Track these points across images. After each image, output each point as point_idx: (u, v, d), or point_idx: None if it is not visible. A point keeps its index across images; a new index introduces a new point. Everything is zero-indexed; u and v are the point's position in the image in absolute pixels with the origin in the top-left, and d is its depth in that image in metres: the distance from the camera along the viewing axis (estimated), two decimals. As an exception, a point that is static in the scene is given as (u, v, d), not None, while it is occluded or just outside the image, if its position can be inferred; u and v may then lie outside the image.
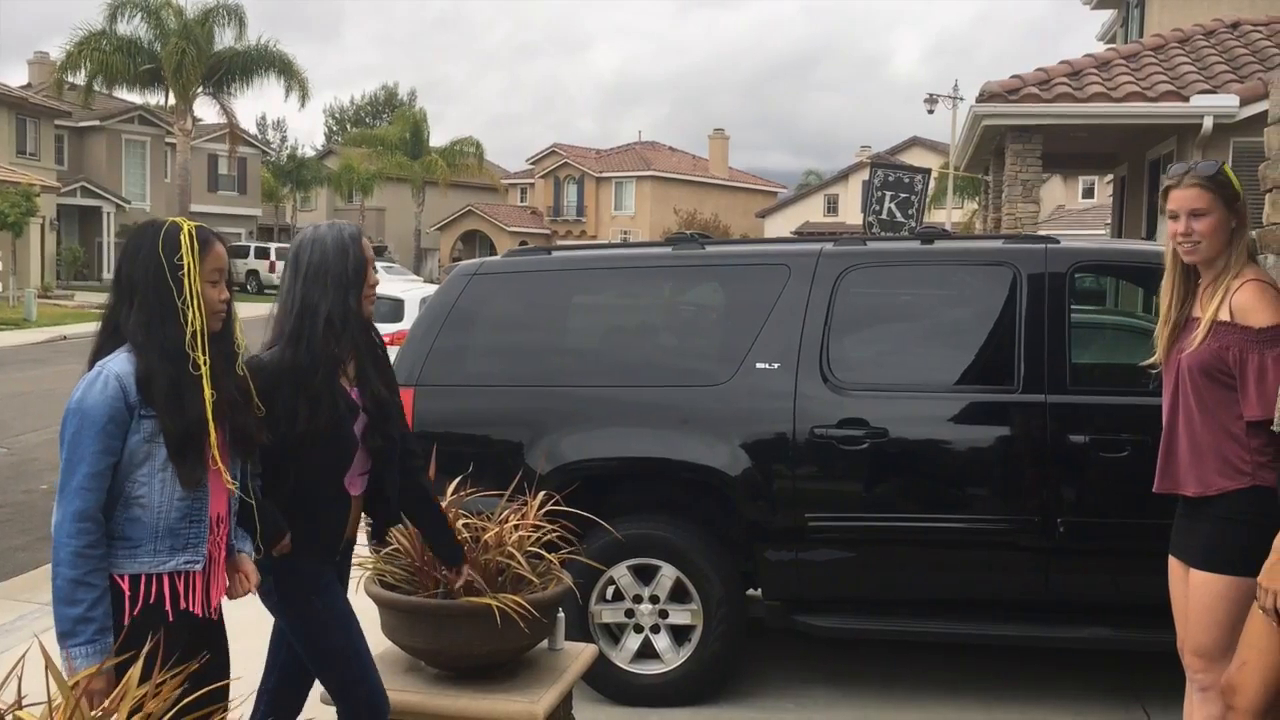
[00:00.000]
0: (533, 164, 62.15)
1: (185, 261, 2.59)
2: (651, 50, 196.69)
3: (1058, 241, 4.85)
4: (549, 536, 3.54)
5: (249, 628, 3.40)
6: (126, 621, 2.52)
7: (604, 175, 59.18)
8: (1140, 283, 5.37)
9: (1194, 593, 3.10)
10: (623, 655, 4.73)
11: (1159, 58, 13.50)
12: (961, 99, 37.09)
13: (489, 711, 3.19)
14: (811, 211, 56.66)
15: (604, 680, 4.69)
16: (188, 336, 2.56)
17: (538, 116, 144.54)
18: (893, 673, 5.04)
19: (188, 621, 2.63)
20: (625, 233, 54.35)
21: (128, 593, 2.55)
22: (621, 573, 4.70)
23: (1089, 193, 47.27)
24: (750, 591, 4.81)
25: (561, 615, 3.59)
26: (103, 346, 2.63)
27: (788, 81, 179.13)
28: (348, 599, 3.14)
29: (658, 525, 4.72)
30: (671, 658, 4.70)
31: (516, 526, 3.46)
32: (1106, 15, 23.24)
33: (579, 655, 3.54)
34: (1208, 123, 12.00)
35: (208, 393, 2.58)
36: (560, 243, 36.20)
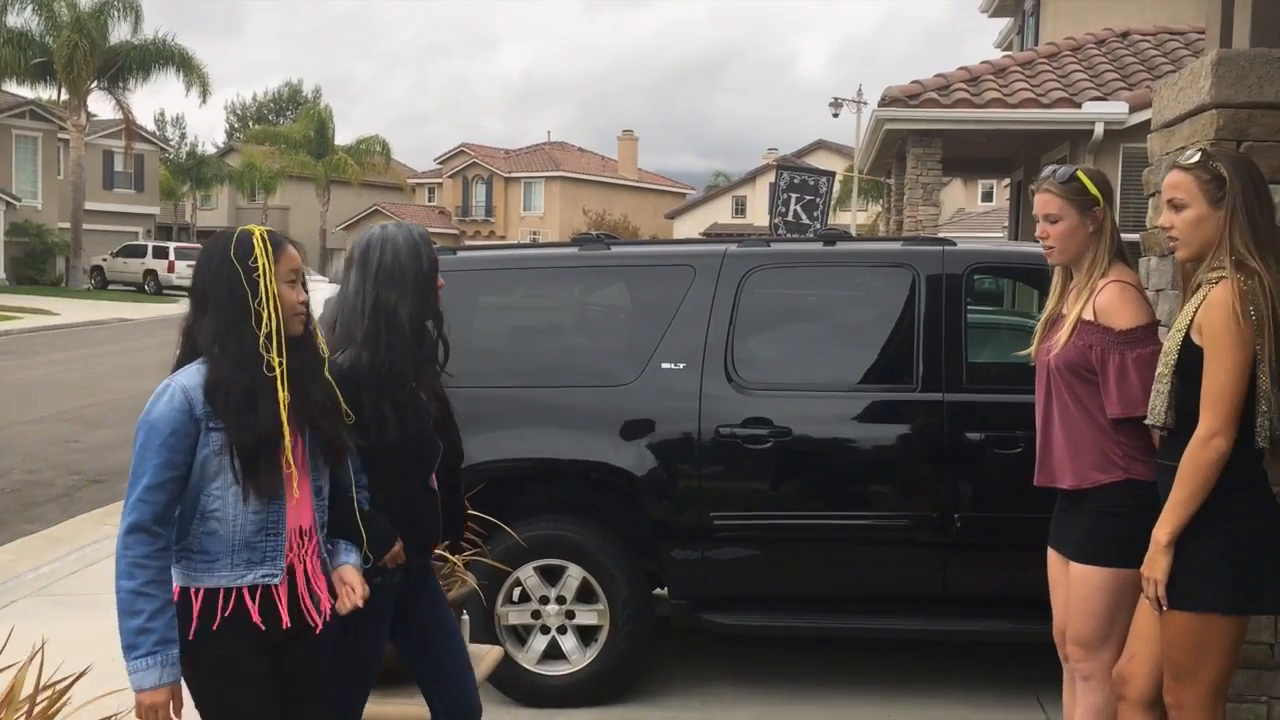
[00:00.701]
0: (440, 164, 61.62)
1: (260, 263, 2.55)
2: (560, 50, 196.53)
3: (955, 244, 4.97)
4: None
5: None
6: (192, 636, 2.50)
7: (513, 175, 58.92)
8: (1033, 283, 5.51)
9: (1074, 585, 3.18)
10: (529, 657, 4.71)
11: (1053, 65, 13.90)
12: (865, 103, 37.70)
13: (391, 717, 3.15)
14: (720, 213, 57.15)
15: (510, 682, 4.67)
16: (262, 338, 2.52)
17: (445, 116, 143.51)
18: (796, 669, 5.11)
19: (270, 637, 2.57)
20: (535, 233, 54.17)
21: (198, 606, 2.52)
22: (528, 574, 4.68)
23: (988, 196, 48.44)
24: (656, 591, 4.83)
25: (466, 618, 3.56)
26: (183, 359, 2.61)
27: (696, 83, 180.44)
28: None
29: (564, 526, 4.71)
30: (578, 658, 4.70)
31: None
32: (1004, 23, 23.89)
33: (484, 657, 3.52)
34: (1099, 129, 12.40)
35: (283, 396, 2.53)
36: (467, 243, 35.93)
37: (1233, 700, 3.19)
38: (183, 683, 2.51)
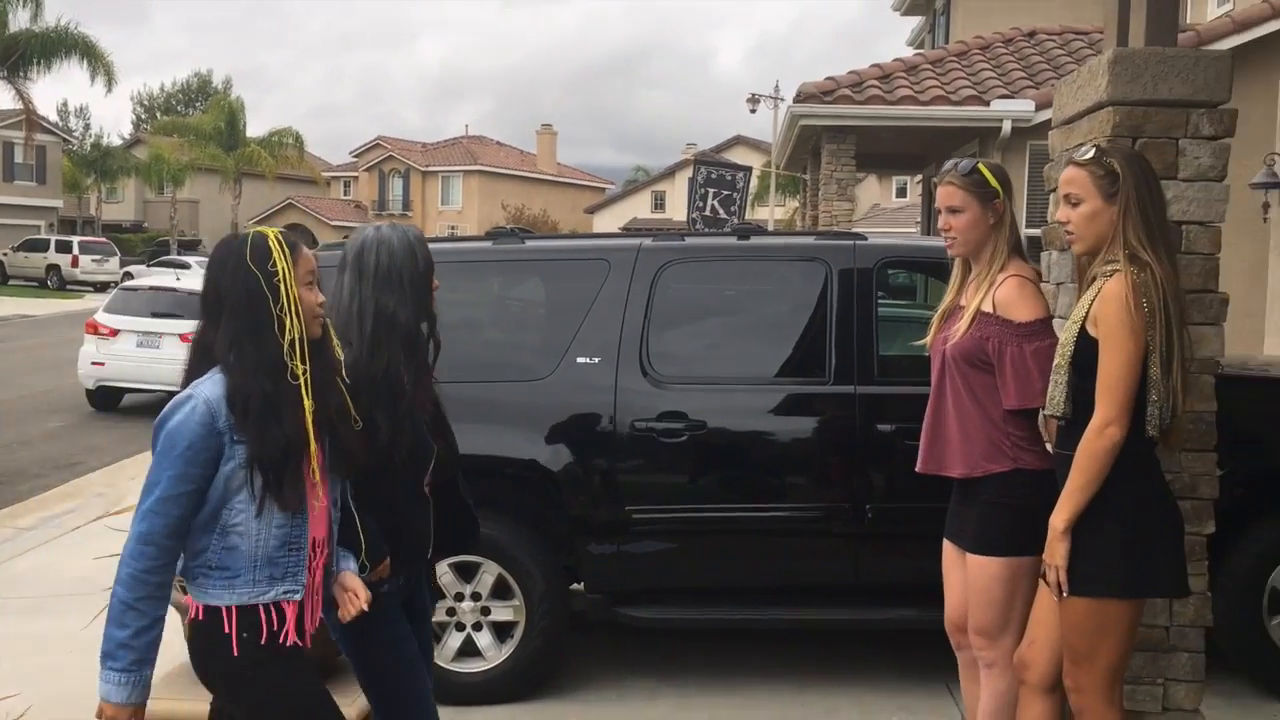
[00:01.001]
0: (356, 156, 60.76)
1: (280, 267, 2.45)
2: (478, 43, 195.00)
3: (866, 238, 5.04)
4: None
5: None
6: (236, 653, 2.45)
7: (430, 169, 58.34)
8: (942, 277, 5.61)
9: (971, 576, 3.24)
10: (444, 654, 4.67)
11: (962, 64, 14.15)
12: (782, 99, 38.02)
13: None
14: (639, 208, 57.22)
15: (425, 680, 4.63)
16: (285, 346, 2.44)
17: (361, 108, 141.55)
18: (712, 660, 5.14)
19: (290, 653, 2.51)
20: (453, 227, 53.70)
21: (235, 627, 2.45)
22: (442, 570, 4.63)
23: (902, 192, 49.20)
24: (573, 586, 4.83)
25: (420, 616, 3.51)
26: (195, 369, 2.50)
27: (615, 78, 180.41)
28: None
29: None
30: (494, 655, 4.68)
31: (329, 527, 3.36)
32: (916, 21, 24.26)
33: (395, 656, 3.47)
34: (1006, 126, 12.65)
35: (308, 405, 2.45)
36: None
37: (1130, 682, 3.29)
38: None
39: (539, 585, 4.61)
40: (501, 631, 4.70)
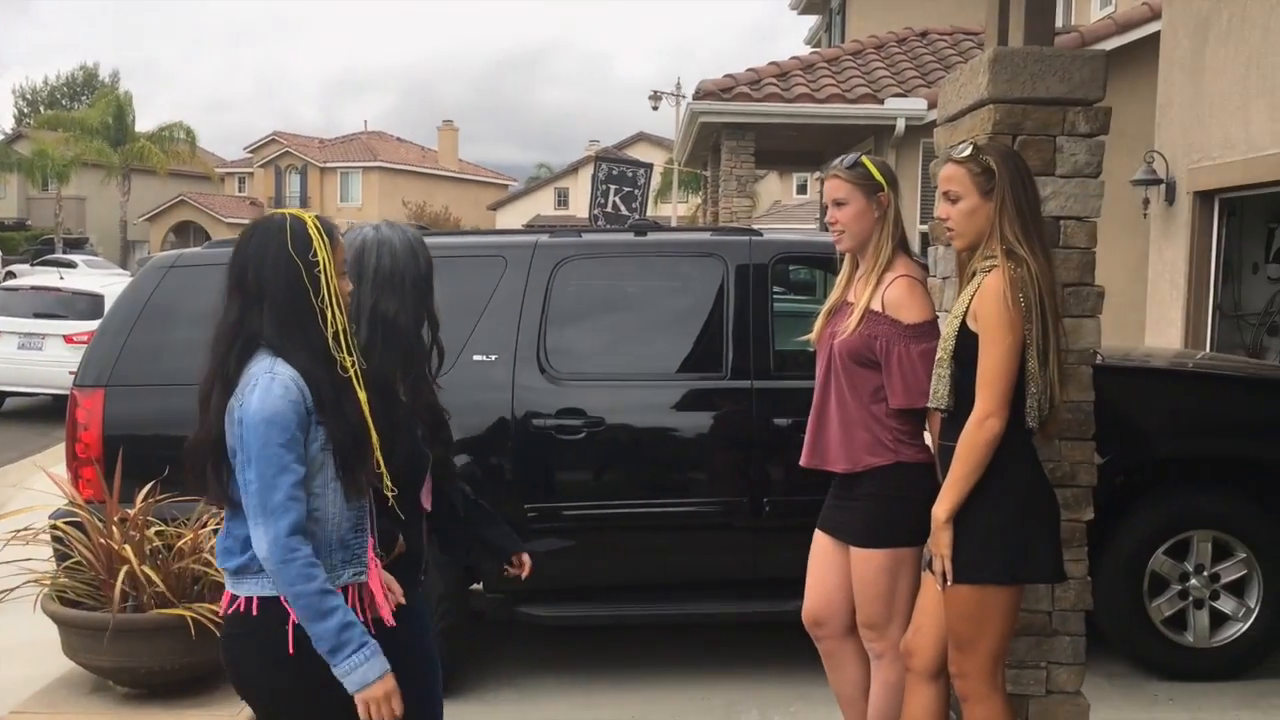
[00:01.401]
0: (251, 152, 59.35)
1: (320, 257, 2.39)
2: (377, 38, 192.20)
3: (761, 234, 5.08)
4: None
5: None
6: (292, 650, 2.34)
7: (329, 165, 57.29)
8: (836, 272, 5.71)
9: (855, 570, 3.29)
10: (340, 659, 4.59)
11: (857, 62, 14.39)
12: (684, 96, 38.15)
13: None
14: (542, 204, 56.98)
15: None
16: (329, 338, 2.38)
17: (257, 103, 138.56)
18: (613, 657, 5.14)
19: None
20: (353, 224, 52.80)
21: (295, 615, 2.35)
22: (337, 574, 4.56)
23: (803, 189, 49.77)
24: (472, 586, 4.78)
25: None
26: (233, 358, 2.38)
27: (517, 74, 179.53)
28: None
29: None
30: (392, 657, 4.60)
31: (215, 530, 3.28)
32: (813, 20, 24.58)
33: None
34: (900, 124, 12.90)
35: (362, 395, 2.42)
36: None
37: (1015, 667, 3.38)
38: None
39: (438, 586, 4.53)
40: (399, 634, 4.63)
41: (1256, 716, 4.47)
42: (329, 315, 2.39)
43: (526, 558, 3.18)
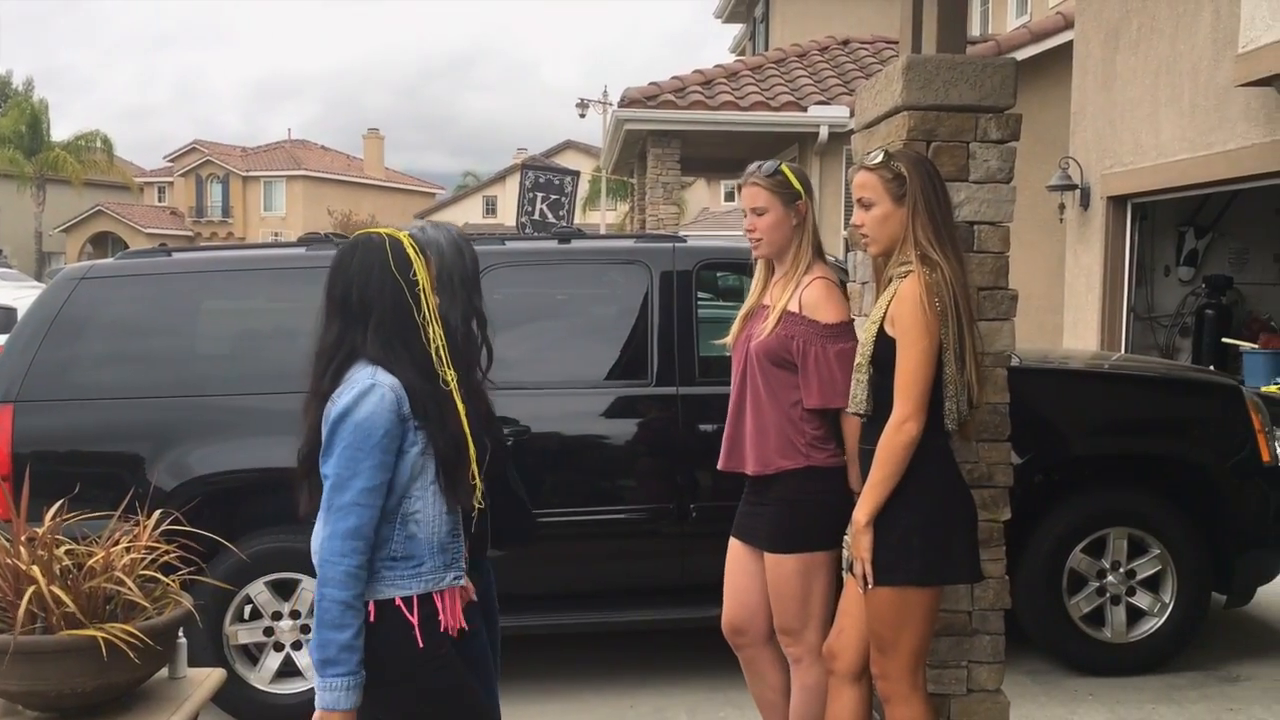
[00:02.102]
0: (171, 161, 58.23)
1: (419, 275, 2.48)
2: (300, 45, 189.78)
3: (685, 240, 5.10)
4: (168, 558, 3.30)
5: None
6: (422, 645, 2.42)
7: (251, 174, 56.40)
8: (759, 278, 5.75)
9: (769, 575, 3.30)
10: (262, 676, 4.51)
11: (781, 70, 14.53)
12: (611, 104, 38.14)
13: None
14: (470, 212, 56.62)
15: (243, 705, 4.47)
16: (433, 354, 2.47)
17: (177, 111, 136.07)
18: (541, 665, 5.11)
19: (455, 641, 2.54)
20: (277, 234, 52.03)
21: (418, 617, 2.43)
22: (259, 589, 4.48)
23: (730, 196, 50.06)
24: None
25: (182, 641, 3.35)
26: (330, 375, 2.48)
27: (443, 82, 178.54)
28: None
29: (296, 537, 4.52)
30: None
31: (128, 549, 3.19)
32: (738, 29, 24.78)
33: (203, 682, 3.32)
34: (824, 132, 13.06)
35: (461, 408, 2.51)
36: (199, 244, 34.09)
37: (937, 667, 3.42)
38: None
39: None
40: (322, 649, 4.56)
41: (1173, 709, 4.58)
42: (430, 331, 2.48)
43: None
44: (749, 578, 3.38)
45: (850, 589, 3.08)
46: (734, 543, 3.46)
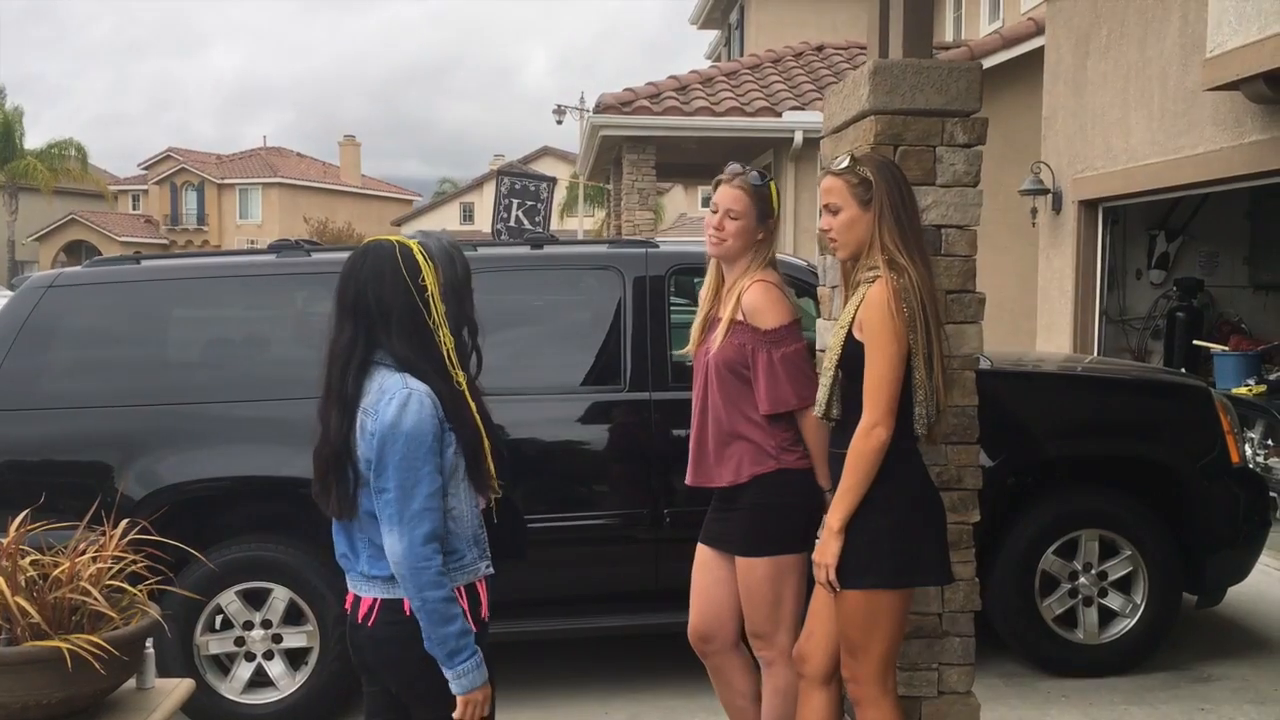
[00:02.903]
0: (146, 169, 57.86)
1: (428, 281, 2.57)
2: (274, 52, 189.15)
3: (658, 245, 5.09)
4: (136, 567, 3.27)
5: None
6: (474, 631, 2.55)
7: (227, 182, 56.10)
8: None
9: (741, 580, 3.29)
10: (234, 686, 4.49)
11: (756, 76, 14.56)
12: (588, 110, 38.10)
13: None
14: (448, 219, 56.51)
15: (213, 715, 4.45)
16: (444, 355, 2.56)
17: (151, 118, 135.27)
18: (515, 672, 5.09)
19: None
20: (252, 241, 51.75)
21: (467, 605, 2.55)
22: (229, 599, 4.46)
23: (707, 202, 49.99)
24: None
25: (150, 651, 3.33)
26: (351, 377, 2.54)
27: (420, 89, 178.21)
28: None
29: (268, 546, 4.51)
30: (287, 684, 4.51)
31: (94, 559, 3.16)
32: (713, 35, 24.84)
33: (171, 692, 3.29)
34: (798, 137, 13.08)
35: (474, 407, 2.60)
36: (172, 252, 33.89)
37: (908, 669, 3.42)
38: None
39: (333, 608, 4.46)
40: (295, 659, 4.54)
41: (1145, 710, 4.60)
42: (440, 335, 2.57)
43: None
44: (718, 585, 3.38)
45: (820, 592, 3.08)
46: (701, 549, 3.46)
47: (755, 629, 3.29)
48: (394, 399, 2.48)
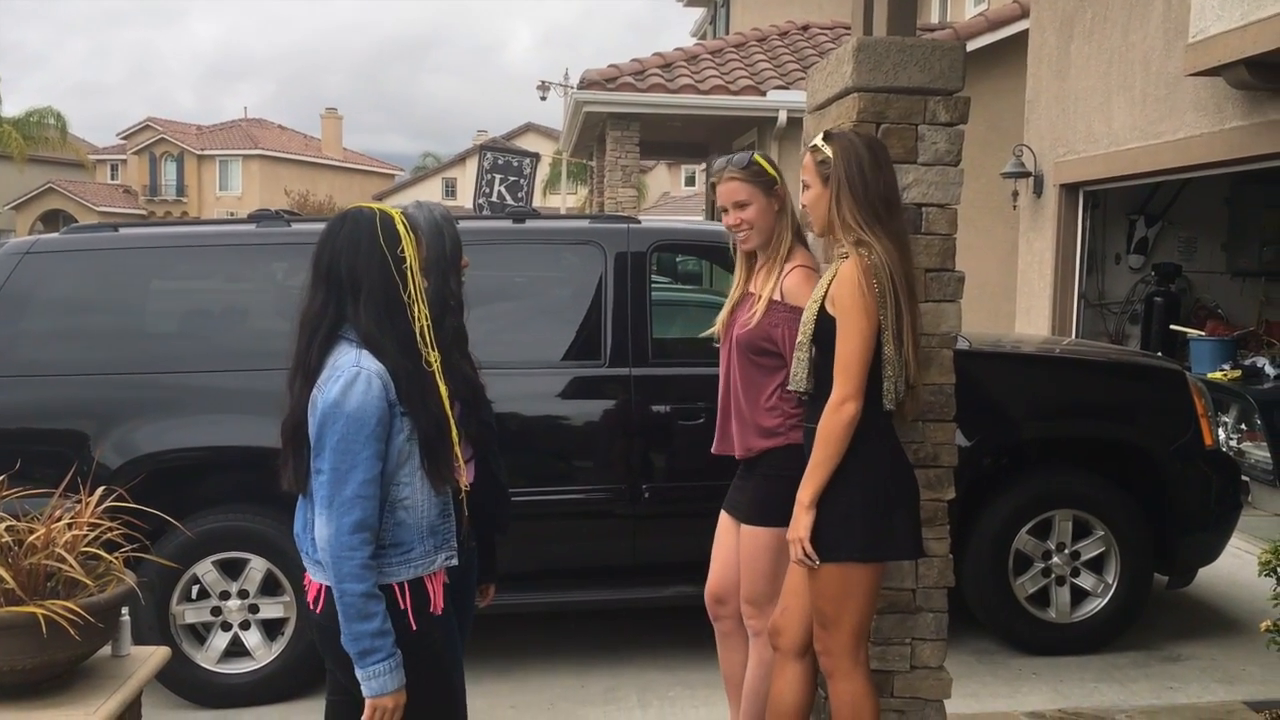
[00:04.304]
0: (125, 139, 57.33)
1: (408, 253, 2.46)
2: (256, 23, 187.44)
3: (639, 221, 5.09)
4: (112, 535, 3.27)
5: None
6: (414, 629, 2.45)
7: (206, 152, 55.66)
8: (713, 258, 5.77)
9: (743, 546, 3.36)
10: (210, 656, 4.49)
11: (741, 55, 14.53)
12: (572, 87, 37.99)
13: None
14: (430, 194, 56.18)
15: (189, 684, 4.45)
16: (417, 333, 2.45)
17: (131, 88, 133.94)
18: (492, 645, 5.11)
19: (446, 621, 2.59)
20: (232, 213, 51.41)
21: (410, 601, 2.45)
22: (206, 569, 4.45)
23: (690, 180, 50.13)
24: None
25: (125, 618, 3.33)
26: (316, 346, 2.44)
27: (403, 64, 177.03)
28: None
29: (245, 516, 4.50)
30: (263, 654, 4.51)
31: (70, 525, 3.16)
32: (699, 13, 24.74)
33: (146, 660, 3.29)
34: (782, 116, 13.07)
35: (443, 389, 2.49)
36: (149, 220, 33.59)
37: (882, 643, 3.45)
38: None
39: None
40: (271, 629, 4.55)
41: (1115, 688, 4.66)
42: (416, 310, 2.46)
43: (491, 589, 3.41)
44: (733, 550, 3.44)
45: (795, 567, 3.11)
46: (723, 515, 3.54)
47: (749, 596, 3.34)
48: (340, 377, 2.37)
